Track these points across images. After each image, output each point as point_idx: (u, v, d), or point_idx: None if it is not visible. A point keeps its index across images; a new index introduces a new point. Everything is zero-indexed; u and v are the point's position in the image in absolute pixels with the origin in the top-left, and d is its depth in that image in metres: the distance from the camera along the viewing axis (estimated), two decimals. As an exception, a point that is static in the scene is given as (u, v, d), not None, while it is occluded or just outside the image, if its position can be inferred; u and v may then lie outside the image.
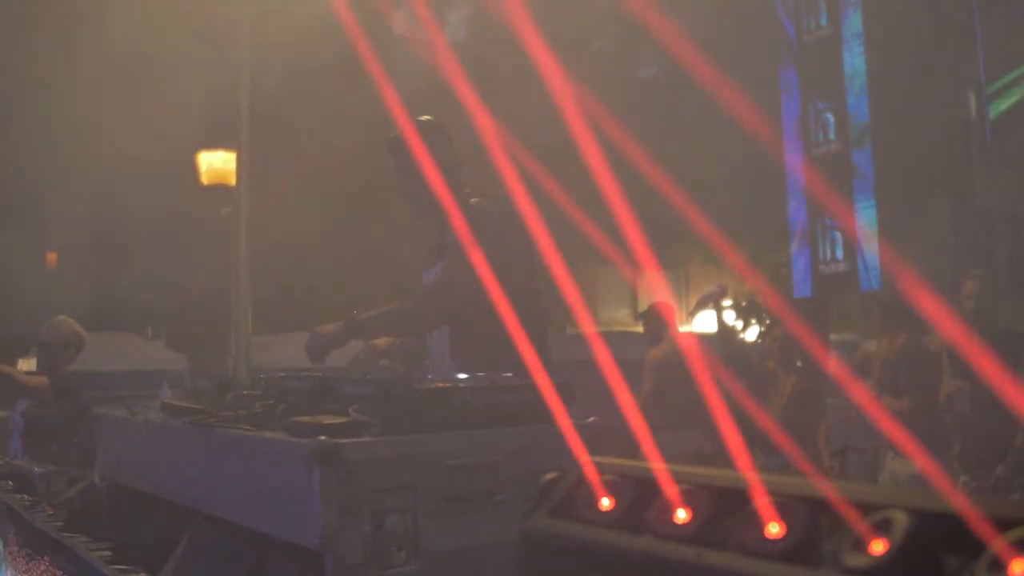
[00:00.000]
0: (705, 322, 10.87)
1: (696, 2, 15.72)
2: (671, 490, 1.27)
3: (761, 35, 15.84)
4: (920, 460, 6.92)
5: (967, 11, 15.44)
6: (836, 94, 14.61)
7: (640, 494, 1.41)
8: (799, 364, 8.51)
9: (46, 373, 6.88)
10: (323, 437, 2.32)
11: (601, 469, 1.42)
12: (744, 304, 18.01)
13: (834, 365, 8.05)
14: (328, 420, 2.47)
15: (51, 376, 6.80)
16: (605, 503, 1.43)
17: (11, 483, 4.90)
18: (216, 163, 12.17)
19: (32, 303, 13.43)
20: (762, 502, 1.13)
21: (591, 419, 2.79)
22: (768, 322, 16.42)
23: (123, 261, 16.34)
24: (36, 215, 14.75)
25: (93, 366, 8.03)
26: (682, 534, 1.25)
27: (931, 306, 7.61)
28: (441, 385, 2.63)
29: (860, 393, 7.30)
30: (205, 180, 12.34)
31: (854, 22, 14.48)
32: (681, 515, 1.26)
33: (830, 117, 14.68)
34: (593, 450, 2.77)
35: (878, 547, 1.02)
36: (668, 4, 16.06)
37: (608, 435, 2.78)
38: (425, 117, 4.30)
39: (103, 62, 10.03)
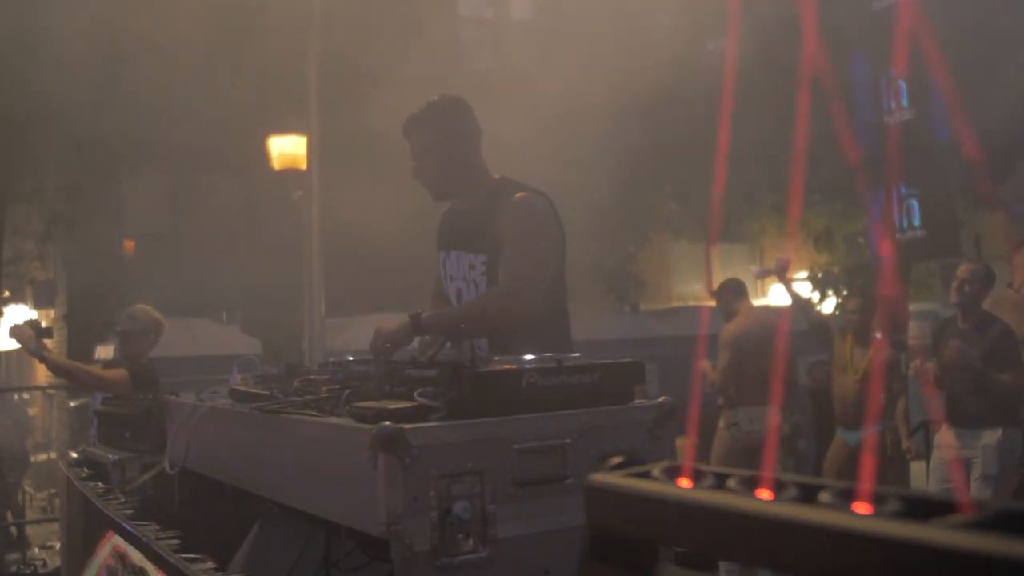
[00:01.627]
0: (780, 295, 10.70)
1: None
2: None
3: (833, 4, 15.60)
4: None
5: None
6: (908, 60, 14.34)
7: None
8: (877, 336, 8.38)
9: (126, 363, 6.93)
10: (387, 422, 2.28)
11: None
12: (820, 276, 17.80)
13: (913, 336, 7.90)
14: (393, 405, 2.43)
15: (130, 366, 6.85)
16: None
17: (86, 470, 4.95)
18: (287, 148, 12.21)
19: (109, 290, 13.62)
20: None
21: (662, 398, 2.73)
22: (845, 294, 16.21)
23: (199, 247, 16.51)
24: (113, 202, 14.91)
25: (169, 352, 8.10)
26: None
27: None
28: (507, 367, 2.57)
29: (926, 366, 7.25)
30: (276, 165, 12.40)
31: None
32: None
33: (902, 84, 14.42)
34: (664, 430, 2.73)
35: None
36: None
37: (678, 414, 2.72)
38: (440, 95, 4.20)
39: (178, 50, 10.10)
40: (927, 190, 14.13)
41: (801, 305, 8.79)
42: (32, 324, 6.49)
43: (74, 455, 5.55)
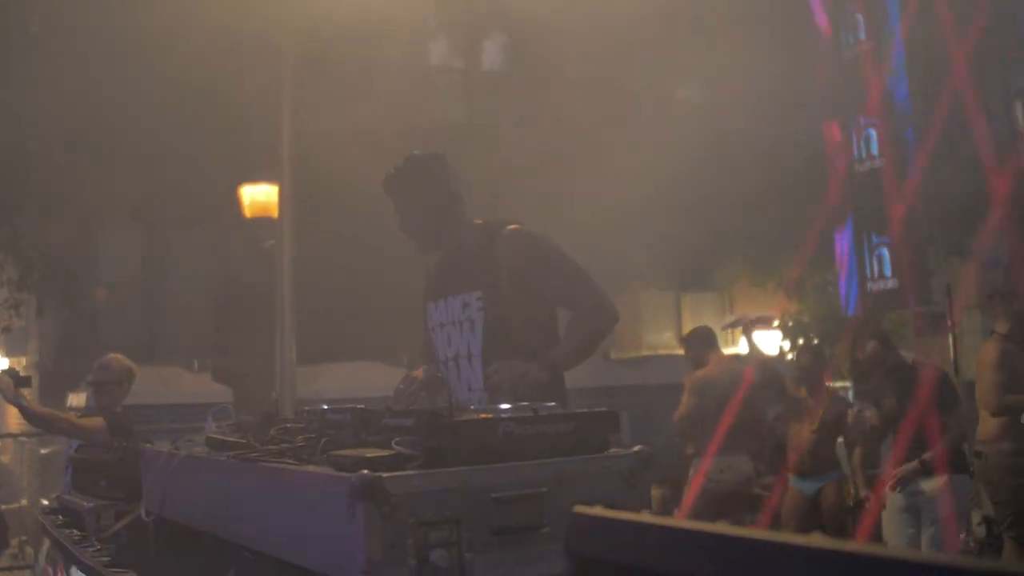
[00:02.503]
0: (751, 345, 10.75)
1: (737, 26, 15.72)
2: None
3: (799, 51, 15.80)
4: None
5: (1011, 20, 15.31)
6: (877, 109, 14.50)
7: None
8: (828, 387, 8.52)
9: (100, 411, 6.89)
10: (365, 471, 2.29)
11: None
12: (791, 324, 17.87)
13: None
14: (371, 453, 2.44)
15: (105, 415, 6.81)
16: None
17: (61, 518, 4.93)
18: (259, 196, 12.24)
19: (81, 337, 13.57)
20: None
21: (637, 448, 2.75)
22: (799, 347, 16.31)
23: (170, 295, 16.50)
24: (87, 251, 14.91)
25: (140, 399, 8.06)
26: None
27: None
28: (484, 416, 2.59)
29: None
30: (248, 213, 12.42)
31: (894, 37, 14.37)
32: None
33: (872, 132, 14.56)
34: (639, 479, 2.75)
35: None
36: (706, 30, 16.09)
37: (654, 463, 2.74)
38: (419, 152, 4.24)
39: (152, 101, 10.15)
40: (897, 239, 14.23)
41: (757, 357, 8.88)
42: (10, 373, 6.47)
43: (46, 503, 5.52)
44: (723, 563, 1.09)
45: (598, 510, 1.28)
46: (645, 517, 1.23)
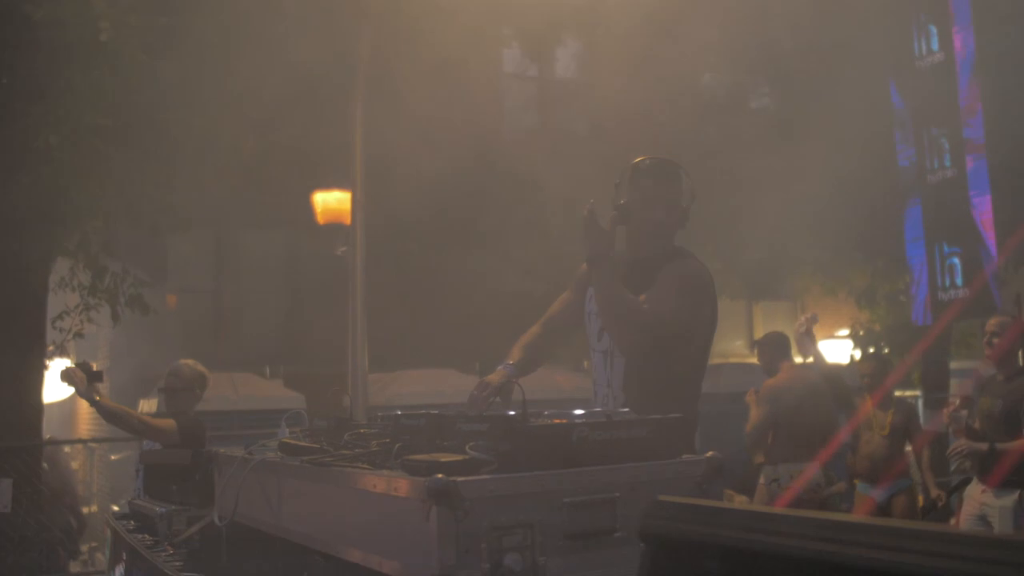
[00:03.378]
0: (827, 353, 10.66)
1: (806, 34, 15.61)
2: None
3: (871, 62, 15.67)
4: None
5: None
6: (950, 120, 14.38)
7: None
8: (902, 394, 8.46)
9: (172, 416, 6.93)
10: (440, 475, 2.31)
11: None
12: (862, 333, 17.71)
13: (954, 394, 8.01)
14: (445, 458, 2.46)
15: (177, 418, 6.85)
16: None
17: (133, 523, 4.97)
18: (331, 202, 12.33)
19: (153, 344, 13.72)
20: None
21: (710, 453, 2.75)
22: (886, 351, 16.13)
23: (241, 301, 16.66)
24: (157, 257, 15.08)
25: (211, 406, 8.12)
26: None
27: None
28: (558, 421, 2.60)
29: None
30: (321, 220, 12.50)
31: (967, 46, 14.26)
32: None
33: (944, 142, 14.44)
34: (712, 484, 2.75)
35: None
36: (781, 38, 15.99)
37: (725, 470, 2.74)
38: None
39: (223, 102, 10.25)
40: (969, 248, 14.10)
41: (822, 367, 8.76)
42: (83, 367, 6.50)
43: (116, 508, 5.57)
44: (800, 539, 1.11)
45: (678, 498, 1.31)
46: (722, 503, 1.25)
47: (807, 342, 8.18)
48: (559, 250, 15.91)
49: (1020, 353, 7.67)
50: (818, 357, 8.51)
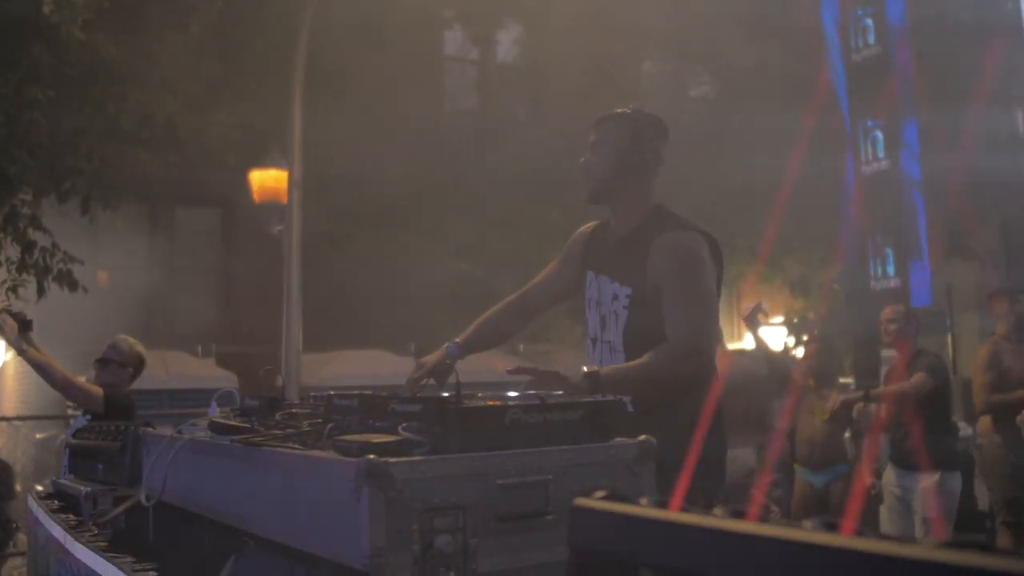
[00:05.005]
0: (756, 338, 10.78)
1: (748, 26, 15.72)
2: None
3: (810, 56, 15.86)
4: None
5: (1016, 30, 15.36)
6: (885, 112, 14.59)
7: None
8: (842, 381, 8.56)
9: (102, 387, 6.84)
10: (371, 456, 2.29)
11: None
12: (796, 321, 17.92)
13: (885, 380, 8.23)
14: (377, 439, 2.44)
15: (105, 391, 6.76)
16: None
17: (56, 503, 4.90)
18: (268, 181, 12.24)
19: (83, 321, 13.54)
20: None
21: (642, 437, 2.75)
22: (805, 339, 16.36)
23: (174, 279, 16.49)
24: (92, 234, 14.91)
25: (142, 384, 8.01)
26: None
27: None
28: (492, 404, 2.59)
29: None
30: (257, 198, 12.41)
31: (902, 42, 14.48)
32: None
33: (879, 134, 14.65)
34: (644, 468, 2.75)
35: None
36: (720, 27, 16.10)
37: (657, 454, 2.74)
38: (648, 111, 4.10)
39: (159, 77, 10.14)
40: (901, 239, 14.32)
41: (766, 352, 8.90)
42: (15, 313, 6.42)
43: (40, 488, 5.49)
44: (721, 556, 1.09)
45: (598, 501, 1.28)
46: (645, 509, 1.22)
47: (752, 327, 8.30)
48: (496, 232, 15.99)
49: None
50: (761, 343, 8.62)
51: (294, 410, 3.29)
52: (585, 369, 3.62)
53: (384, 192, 13.93)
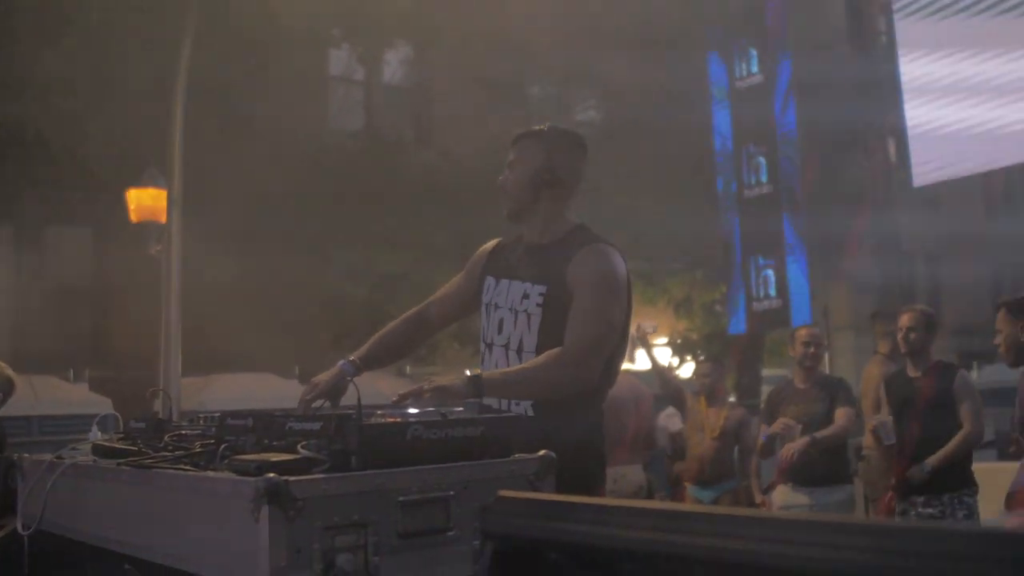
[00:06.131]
0: (642, 360, 10.93)
1: (632, 49, 15.93)
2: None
3: (695, 81, 16.14)
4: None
5: (891, 62, 15.79)
6: (767, 139, 14.93)
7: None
8: (731, 400, 8.66)
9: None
10: (271, 474, 2.23)
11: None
12: (679, 342, 18.17)
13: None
14: (275, 457, 2.39)
15: (-24, 421, 6.57)
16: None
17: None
18: (146, 200, 11.97)
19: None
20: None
21: (543, 452, 2.73)
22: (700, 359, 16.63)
23: (44, 300, 16.05)
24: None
25: (9, 410, 7.73)
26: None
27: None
28: (392, 420, 2.56)
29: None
30: (134, 217, 12.13)
31: (784, 71, 14.84)
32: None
33: (762, 160, 14.98)
34: (544, 483, 2.74)
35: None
36: (606, 51, 16.28)
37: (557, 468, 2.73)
38: (567, 128, 4.08)
39: (34, 90, 9.90)
40: (782, 261, 14.64)
41: (659, 370, 9.00)
42: None
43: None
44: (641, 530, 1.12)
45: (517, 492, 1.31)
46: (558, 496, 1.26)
47: (646, 345, 8.36)
48: (382, 254, 15.91)
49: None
50: (656, 361, 8.70)
51: (184, 431, 3.20)
52: (468, 373, 3.60)
53: (266, 211, 13.77)
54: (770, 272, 14.68)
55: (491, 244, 4.18)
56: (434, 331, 4.33)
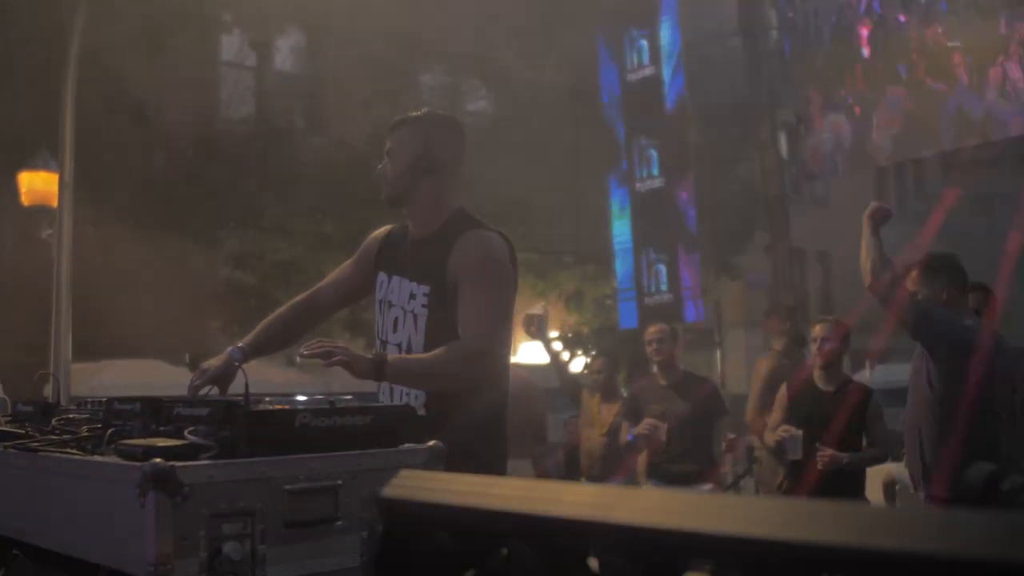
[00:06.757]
0: (531, 352, 10.96)
1: (524, 36, 15.98)
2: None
3: (588, 72, 16.20)
4: None
5: (780, 57, 16.02)
6: (658, 131, 15.02)
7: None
8: (624, 396, 8.68)
9: None
10: (158, 459, 2.24)
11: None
12: (570, 336, 18.25)
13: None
14: (162, 442, 2.39)
15: None
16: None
17: None
18: (37, 183, 11.76)
19: None
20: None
21: (432, 442, 2.77)
22: (593, 354, 16.71)
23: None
24: None
25: None
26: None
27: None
28: (280, 407, 2.57)
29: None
30: (26, 201, 11.91)
31: (674, 63, 14.94)
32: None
33: (653, 153, 15.07)
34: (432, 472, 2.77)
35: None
36: (498, 41, 16.31)
37: (446, 458, 2.77)
38: (443, 111, 4.09)
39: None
40: (673, 256, 14.76)
41: (556, 364, 8.97)
42: None
43: None
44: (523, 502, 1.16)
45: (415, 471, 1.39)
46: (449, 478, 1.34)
47: (538, 333, 8.36)
48: (272, 242, 15.79)
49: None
50: (554, 353, 8.70)
51: (71, 416, 3.19)
52: (372, 353, 3.62)
53: (157, 197, 13.59)
54: (662, 267, 14.80)
55: (382, 231, 4.18)
56: (323, 318, 4.33)
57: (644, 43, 15.34)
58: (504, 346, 3.83)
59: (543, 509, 1.16)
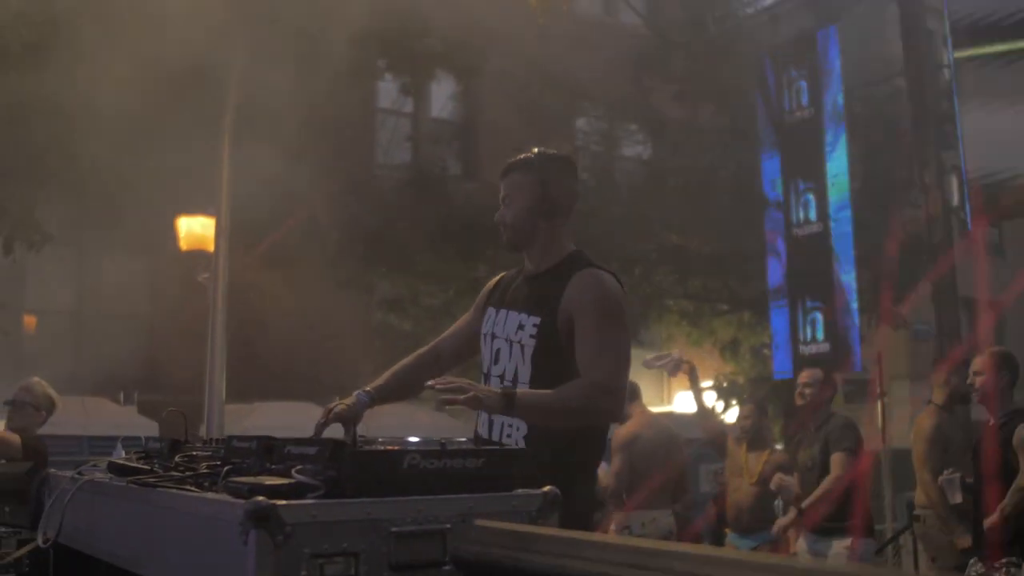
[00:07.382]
0: (685, 402, 10.81)
1: (682, 83, 15.89)
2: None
3: (744, 115, 16.02)
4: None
5: (948, 97, 15.57)
6: (817, 175, 14.71)
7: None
8: (778, 447, 8.50)
9: (16, 432, 6.79)
10: (261, 498, 2.22)
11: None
12: (725, 385, 17.97)
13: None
14: (269, 481, 2.37)
15: (22, 436, 6.71)
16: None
17: (-40, 544, 4.77)
18: (195, 228, 12.12)
19: (9, 365, 13.34)
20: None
21: (547, 488, 2.69)
22: (743, 404, 16.43)
23: (100, 325, 16.26)
24: (17, 278, 14.73)
25: (60, 430, 7.86)
26: None
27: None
28: (389, 448, 2.53)
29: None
30: (184, 245, 12.28)
31: (836, 105, 14.62)
32: None
33: (811, 198, 14.77)
34: (546, 520, 2.69)
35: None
36: (654, 84, 16.26)
37: (561, 504, 2.69)
38: (553, 150, 4.10)
39: (87, 121, 10.02)
40: (830, 304, 14.40)
41: (703, 412, 8.81)
42: None
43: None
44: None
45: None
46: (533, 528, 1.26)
47: (692, 386, 8.24)
48: (425, 286, 15.95)
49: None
50: (700, 402, 8.56)
51: (195, 452, 3.22)
52: (501, 387, 3.59)
53: (312, 242, 13.85)
54: (818, 315, 14.47)
55: (496, 278, 4.19)
56: (446, 368, 4.27)
57: (804, 84, 15.07)
58: (625, 385, 3.79)
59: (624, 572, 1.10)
